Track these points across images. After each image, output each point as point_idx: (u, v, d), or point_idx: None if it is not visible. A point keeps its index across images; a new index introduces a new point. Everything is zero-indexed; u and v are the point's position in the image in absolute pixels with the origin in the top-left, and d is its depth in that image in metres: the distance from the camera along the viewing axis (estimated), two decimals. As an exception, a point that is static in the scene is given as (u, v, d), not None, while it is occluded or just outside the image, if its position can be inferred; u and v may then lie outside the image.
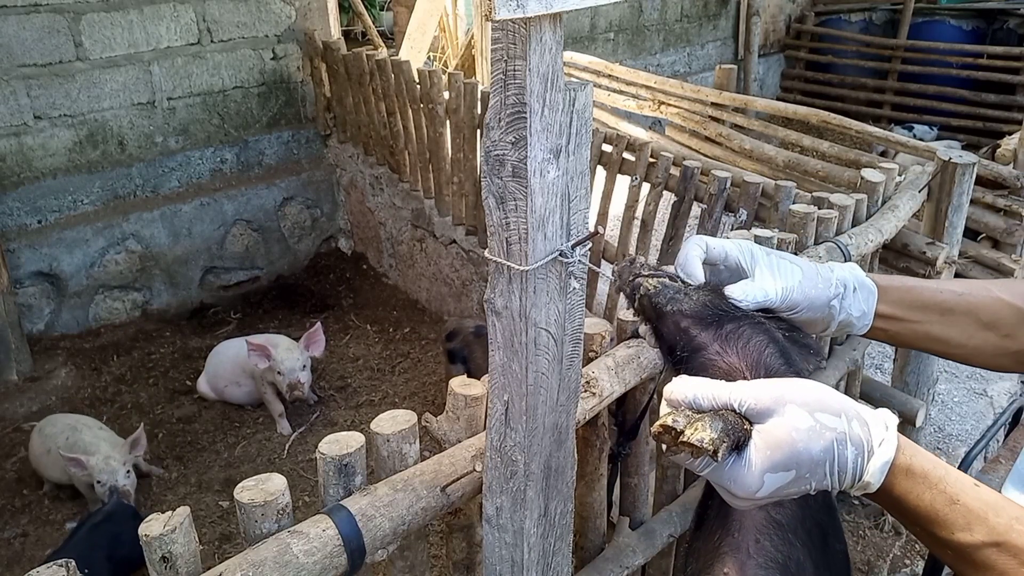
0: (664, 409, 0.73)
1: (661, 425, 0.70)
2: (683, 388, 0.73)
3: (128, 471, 2.72)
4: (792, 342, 0.88)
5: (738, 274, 0.95)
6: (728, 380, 0.74)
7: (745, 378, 0.80)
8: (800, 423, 0.67)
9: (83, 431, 2.86)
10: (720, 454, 0.67)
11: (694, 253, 0.93)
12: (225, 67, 4.32)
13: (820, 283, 0.94)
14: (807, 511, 0.89)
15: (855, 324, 0.97)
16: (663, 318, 0.88)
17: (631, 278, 0.94)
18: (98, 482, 2.65)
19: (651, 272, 0.93)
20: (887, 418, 0.71)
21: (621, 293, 0.96)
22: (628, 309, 0.96)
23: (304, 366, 3.37)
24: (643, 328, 0.95)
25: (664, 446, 0.71)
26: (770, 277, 0.93)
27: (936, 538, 0.70)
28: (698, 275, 0.92)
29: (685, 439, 0.67)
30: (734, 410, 0.70)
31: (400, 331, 4.27)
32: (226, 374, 3.57)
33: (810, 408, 0.68)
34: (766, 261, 0.94)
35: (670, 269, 0.96)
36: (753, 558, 0.86)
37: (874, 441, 0.69)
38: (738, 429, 0.69)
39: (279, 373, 3.32)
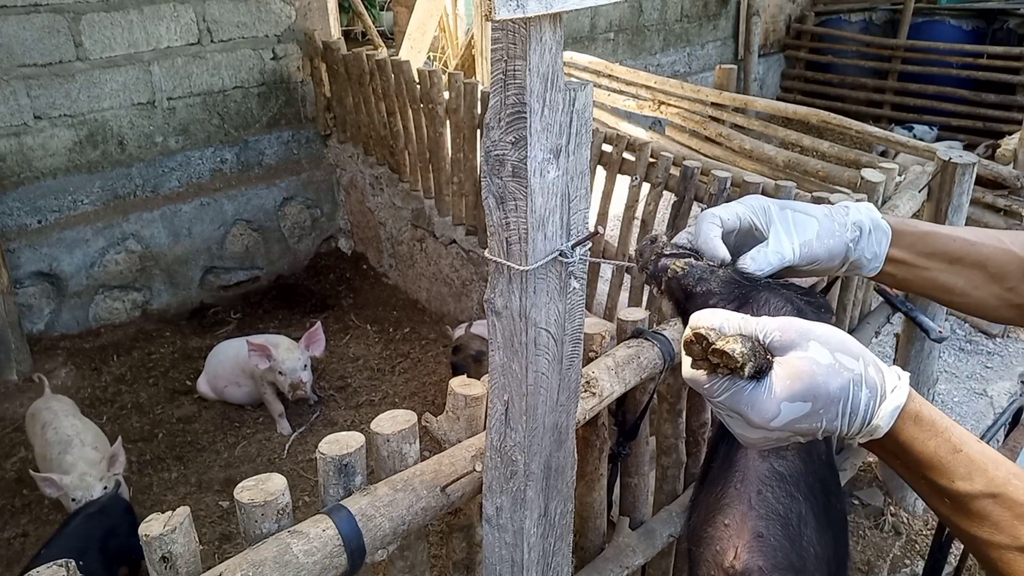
0: (688, 332, 0.75)
1: (694, 333, 0.72)
2: (710, 316, 0.74)
3: (105, 486, 2.64)
4: (808, 304, 0.90)
5: (752, 235, 0.94)
6: None
7: None
8: (821, 358, 0.70)
9: (73, 448, 2.78)
10: (747, 370, 0.69)
11: (712, 233, 0.92)
12: (225, 67, 4.32)
13: (837, 230, 0.94)
14: (810, 466, 0.90)
15: (865, 266, 0.97)
16: (691, 298, 0.89)
17: (653, 256, 0.94)
18: (72, 499, 2.58)
19: (673, 251, 0.93)
20: (899, 370, 0.74)
21: (643, 272, 0.95)
22: (653, 289, 0.96)
23: (305, 366, 3.37)
24: (666, 305, 0.95)
25: (691, 360, 0.73)
26: (785, 236, 0.93)
27: (936, 486, 0.72)
28: (721, 254, 0.91)
29: (718, 347, 0.69)
30: (759, 340, 0.72)
31: (400, 331, 4.27)
32: (226, 374, 3.58)
33: (832, 347, 0.71)
34: (780, 217, 0.94)
35: (682, 237, 0.95)
36: (755, 509, 0.87)
37: (887, 387, 0.71)
38: (761, 355, 0.71)
39: (280, 373, 3.33)
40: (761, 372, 0.70)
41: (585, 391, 1.30)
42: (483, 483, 1.11)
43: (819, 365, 0.69)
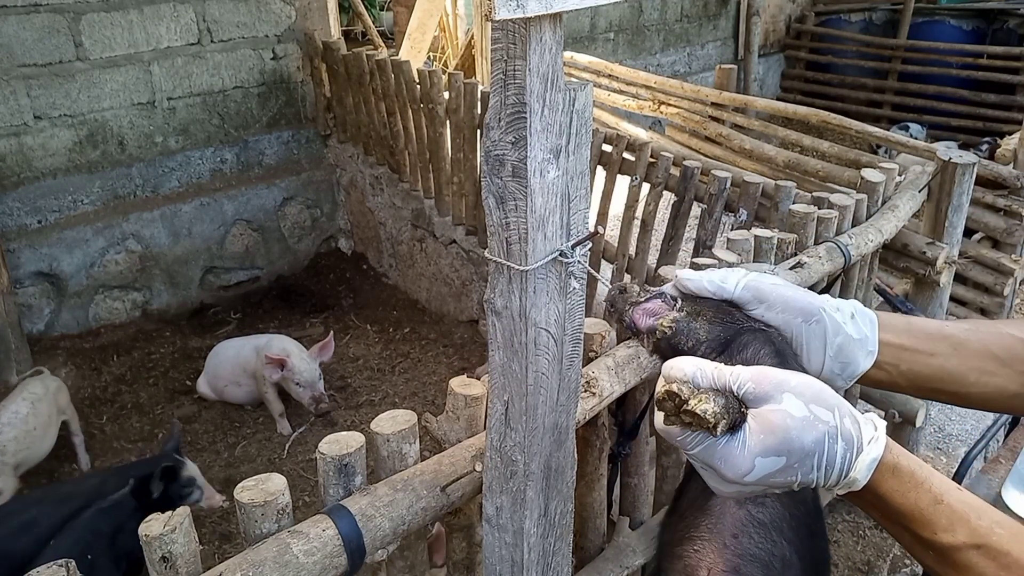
0: (660, 384, 0.74)
1: (666, 391, 0.71)
2: (683, 365, 0.74)
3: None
4: (788, 344, 0.87)
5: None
6: None
7: None
8: (795, 411, 0.68)
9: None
10: (720, 429, 0.68)
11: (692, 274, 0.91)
12: (225, 67, 4.32)
13: (801, 292, 0.90)
14: (792, 510, 0.88)
15: (858, 354, 0.90)
16: (679, 354, 0.86)
17: (626, 307, 0.92)
18: None
19: (645, 297, 0.91)
20: (876, 419, 0.72)
21: (620, 323, 0.94)
22: (629, 336, 0.94)
23: (320, 376, 3.39)
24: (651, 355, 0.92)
25: (663, 415, 0.72)
26: (732, 273, 0.90)
27: (918, 538, 0.71)
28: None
29: (689, 407, 0.68)
30: (732, 392, 0.71)
31: (400, 331, 4.27)
32: (226, 374, 3.57)
33: (806, 399, 0.69)
34: (740, 270, 0.92)
35: (662, 286, 0.93)
36: (730, 548, 0.86)
37: (864, 439, 0.70)
38: (735, 410, 0.70)
39: (298, 385, 3.33)
40: (735, 426, 0.70)
41: (585, 391, 1.30)
42: (483, 483, 1.11)
43: (793, 419, 0.68)
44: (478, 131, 3.61)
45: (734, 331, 0.86)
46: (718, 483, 0.73)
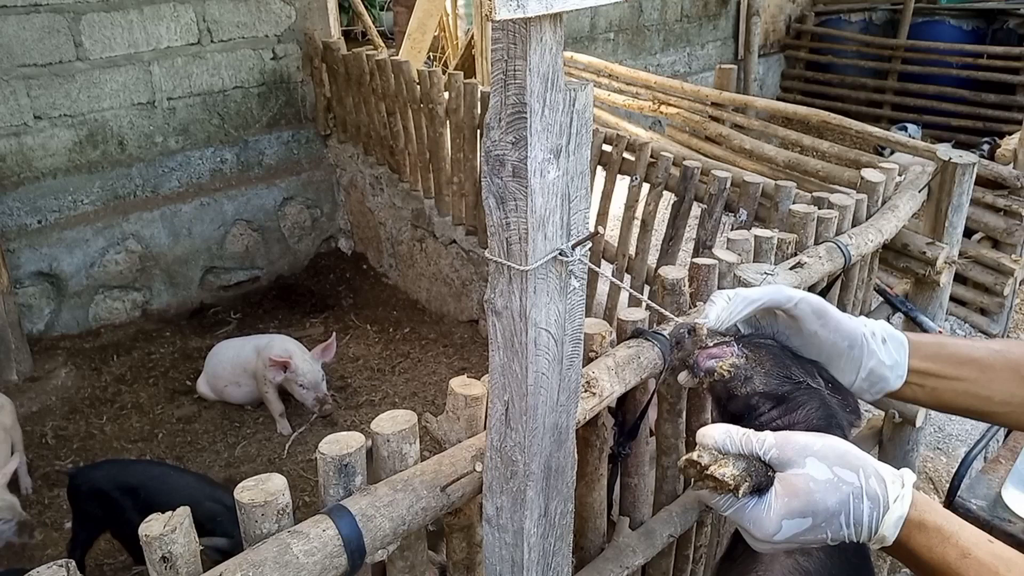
0: (682, 459, 0.79)
1: (687, 460, 0.76)
2: (713, 433, 0.78)
3: None
4: (840, 404, 0.92)
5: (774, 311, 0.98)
6: None
7: None
8: (818, 475, 0.72)
9: None
10: (741, 491, 0.72)
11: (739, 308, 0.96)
12: (225, 67, 4.32)
13: (847, 317, 0.96)
14: (835, 559, 0.91)
15: (888, 377, 0.96)
16: (735, 400, 0.91)
17: (694, 349, 0.96)
18: None
19: (715, 341, 0.95)
20: (905, 476, 0.75)
21: (684, 365, 0.98)
22: (691, 379, 0.98)
23: (323, 377, 3.39)
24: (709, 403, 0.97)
25: (691, 480, 0.77)
26: (790, 288, 0.96)
27: None
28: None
29: (709, 472, 0.74)
30: (759, 457, 0.75)
31: (400, 331, 4.27)
32: (226, 374, 3.57)
33: (830, 462, 0.73)
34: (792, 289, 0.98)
35: (713, 315, 0.97)
36: None
37: (890, 497, 0.73)
38: (760, 473, 0.74)
39: (301, 386, 3.33)
40: (762, 489, 0.74)
41: (585, 391, 1.30)
42: (483, 483, 1.11)
43: (816, 482, 0.72)
44: (478, 131, 3.61)
45: (791, 387, 0.90)
46: (752, 541, 0.77)
